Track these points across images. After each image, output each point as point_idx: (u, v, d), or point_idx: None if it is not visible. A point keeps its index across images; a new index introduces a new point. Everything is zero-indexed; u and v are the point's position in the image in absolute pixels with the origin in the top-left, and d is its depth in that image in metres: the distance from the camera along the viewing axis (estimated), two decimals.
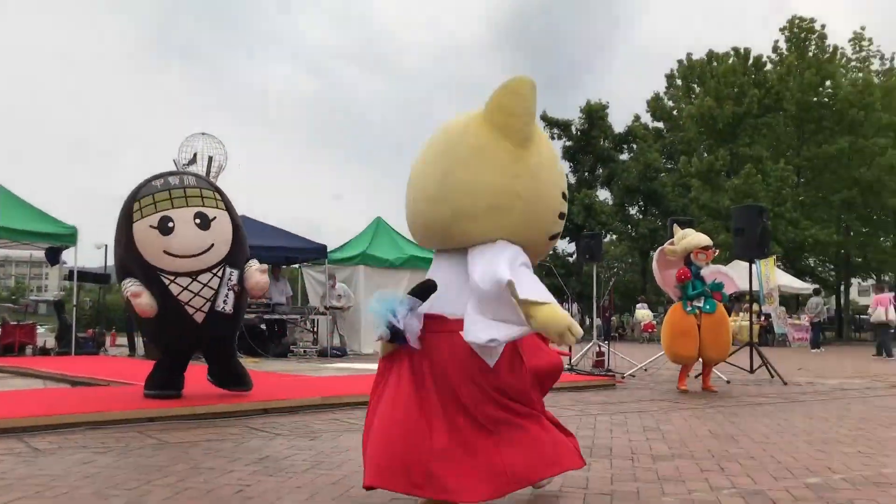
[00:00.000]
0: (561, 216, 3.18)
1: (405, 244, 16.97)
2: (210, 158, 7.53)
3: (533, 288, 2.76)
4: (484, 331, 2.77)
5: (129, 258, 6.07)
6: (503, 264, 2.80)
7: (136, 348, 15.47)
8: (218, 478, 3.83)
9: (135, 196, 6.15)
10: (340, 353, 14.69)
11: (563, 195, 3.19)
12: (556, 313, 2.70)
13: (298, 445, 4.81)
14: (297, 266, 17.75)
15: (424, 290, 2.98)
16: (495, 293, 2.77)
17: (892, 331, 19.75)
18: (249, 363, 11.92)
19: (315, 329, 15.64)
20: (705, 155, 36.72)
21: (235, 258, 6.35)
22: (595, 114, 40.47)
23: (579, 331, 2.71)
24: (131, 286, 5.96)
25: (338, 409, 6.61)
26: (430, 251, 12.52)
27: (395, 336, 2.93)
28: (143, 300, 5.90)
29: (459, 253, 3.06)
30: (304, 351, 14.61)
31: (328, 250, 15.47)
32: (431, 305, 2.98)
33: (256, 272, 6.47)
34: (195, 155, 7.54)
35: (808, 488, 3.76)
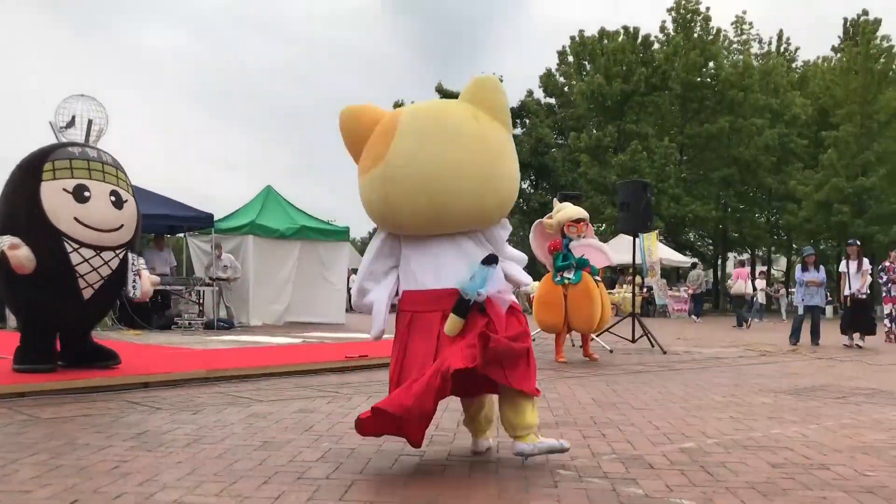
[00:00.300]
0: None
1: (296, 214, 16.64)
2: (90, 122, 7.13)
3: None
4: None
5: (30, 216, 5.83)
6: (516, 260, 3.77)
7: (6, 319, 14.64)
8: (93, 454, 3.67)
9: (47, 156, 5.98)
10: (227, 326, 14.34)
11: None
12: None
13: (180, 419, 4.67)
14: (182, 235, 17.15)
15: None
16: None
17: (756, 303, 21.26)
18: (131, 336, 11.52)
19: (201, 301, 15.20)
20: (594, 131, 37.62)
21: (135, 244, 6.41)
22: None
23: None
24: (8, 239, 5.69)
25: (223, 383, 6.45)
26: (322, 222, 12.42)
27: (464, 311, 3.31)
28: (21, 253, 5.64)
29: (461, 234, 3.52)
30: (190, 323, 14.18)
31: (215, 219, 15.01)
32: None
33: (148, 281, 6.46)
34: (73, 118, 7.13)
35: (683, 452, 3.92)
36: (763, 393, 6.44)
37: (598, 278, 9.14)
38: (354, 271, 29.95)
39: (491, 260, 3.42)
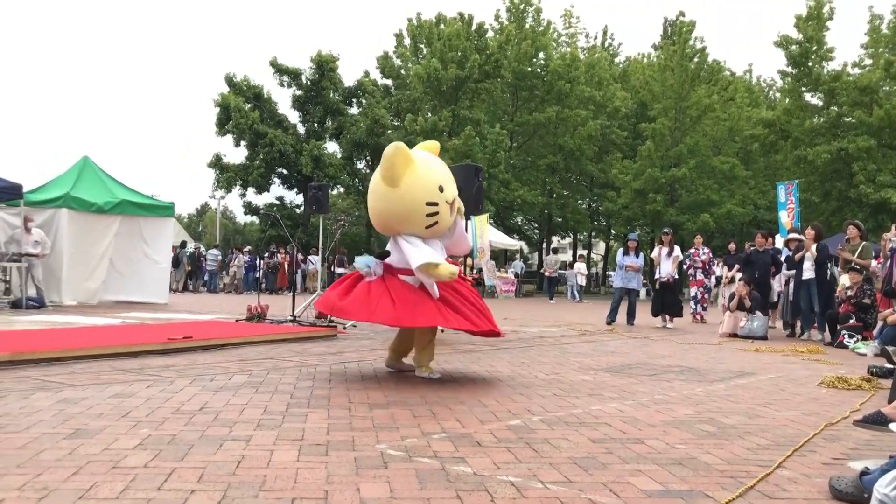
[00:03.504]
0: (430, 214, 5.61)
1: (116, 187, 15.64)
2: None
3: (420, 256, 5.49)
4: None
5: None
6: (408, 253, 5.55)
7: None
8: None
9: None
10: (38, 305, 13.32)
11: (429, 203, 5.58)
12: (444, 268, 5.46)
13: None
14: None
15: (382, 255, 5.83)
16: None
17: (576, 284, 22.55)
18: None
19: (8, 278, 14.01)
20: (430, 115, 37.95)
21: None
22: (325, 65, 40.04)
23: (455, 270, 5.52)
24: None
25: (31, 367, 5.97)
26: (145, 196, 12.04)
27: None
28: None
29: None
30: None
31: (24, 190, 13.85)
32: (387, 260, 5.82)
33: None
34: None
35: (509, 430, 4.02)
36: (583, 370, 6.75)
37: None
38: (182, 246, 28.60)
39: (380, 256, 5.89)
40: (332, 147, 41.66)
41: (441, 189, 5.68)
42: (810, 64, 31.93)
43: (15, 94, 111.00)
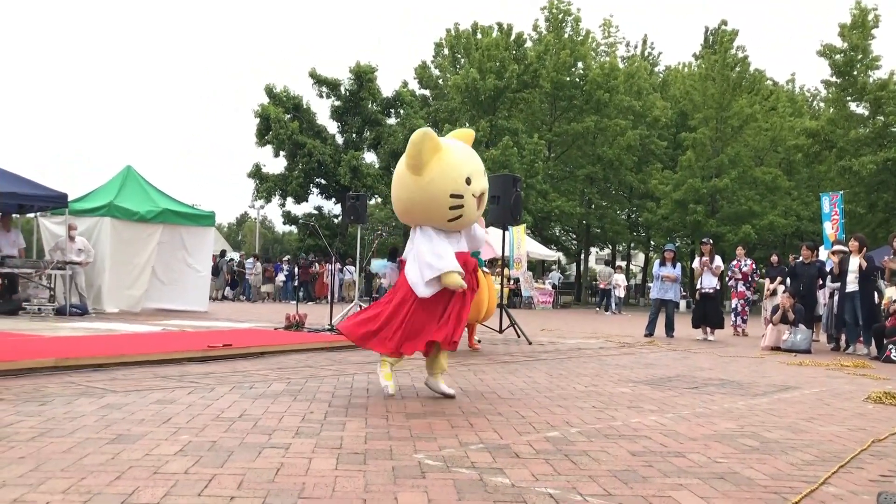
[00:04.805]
0: (454, 207, 5.17)
1: (159, 196, 15.89)
2: None
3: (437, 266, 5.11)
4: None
5: None
6: (424, 261, 5.17)
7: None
8: None
9: None
10: (81, 312, 13.56)
11: (453, 195, 5.13)
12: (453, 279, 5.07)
13: (25, 411, 4.34)
14: (32, 215, 16.07)
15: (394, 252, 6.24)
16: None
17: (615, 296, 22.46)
18: None
19: (52, 285, 14.29)
20: (467, 124, 38.03)
21: None
22: (364, 76, 40.33)
23: (462, 285, 5.13)
24: None
25: (74, 372, 6.07)
26: (186, 205, 12.24)
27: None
28: None
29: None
30: (39, 309, 13.33)
31: (69, 199, 14.13)
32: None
33: None
34: None
35: (548, 441, 3.98)
36: (622, 383, 6.67)
37: (485, 269, 9.27)
38: (222, 255, 29.00)
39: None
40: (370, 157, 41.88)
41: (468, 181, 5.20)
42: (855, 73, 31.39)
43: (62, 106, 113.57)
